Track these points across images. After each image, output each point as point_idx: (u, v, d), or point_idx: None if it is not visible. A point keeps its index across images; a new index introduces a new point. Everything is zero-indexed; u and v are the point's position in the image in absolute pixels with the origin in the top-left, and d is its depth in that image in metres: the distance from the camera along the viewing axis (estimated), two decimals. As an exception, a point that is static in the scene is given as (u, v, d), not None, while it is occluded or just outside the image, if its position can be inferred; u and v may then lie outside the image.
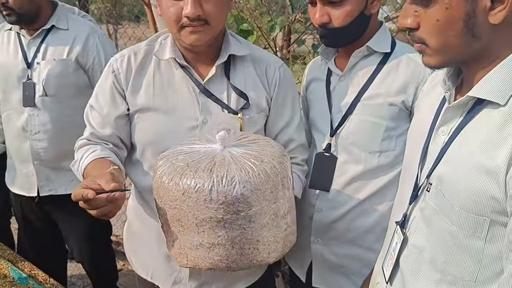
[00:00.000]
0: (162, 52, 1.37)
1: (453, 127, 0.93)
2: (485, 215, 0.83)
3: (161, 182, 1.12)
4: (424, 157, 1.00)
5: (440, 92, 1.03)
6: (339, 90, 1.48)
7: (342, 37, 1.41)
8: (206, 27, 1.27)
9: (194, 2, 1.22)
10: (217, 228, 1.09)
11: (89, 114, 1.45)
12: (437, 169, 0.94)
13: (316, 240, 1.54)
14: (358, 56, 1.44)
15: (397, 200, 1.16)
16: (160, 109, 1.37)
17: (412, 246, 1.00)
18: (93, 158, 1.32)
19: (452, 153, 0.91)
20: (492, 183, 0.81)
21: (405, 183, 1.10)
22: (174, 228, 1.14)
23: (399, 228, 1.04)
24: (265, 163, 1.11)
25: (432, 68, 0.93)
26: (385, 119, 1.40)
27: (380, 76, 1.42)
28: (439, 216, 0.92)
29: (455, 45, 0.85)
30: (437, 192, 0.92)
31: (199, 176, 1.06)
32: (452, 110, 0.93)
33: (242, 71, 1.40)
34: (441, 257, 0.92)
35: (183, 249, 1.15)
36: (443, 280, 0.92)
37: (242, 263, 1.14)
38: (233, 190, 1.05)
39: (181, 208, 1.09)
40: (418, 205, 1.00)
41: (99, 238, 2.31)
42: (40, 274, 1.61)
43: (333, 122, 1.47)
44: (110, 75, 1.39)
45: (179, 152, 1.17)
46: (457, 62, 0.91)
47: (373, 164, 1.43)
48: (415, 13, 0.88)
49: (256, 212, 1.09)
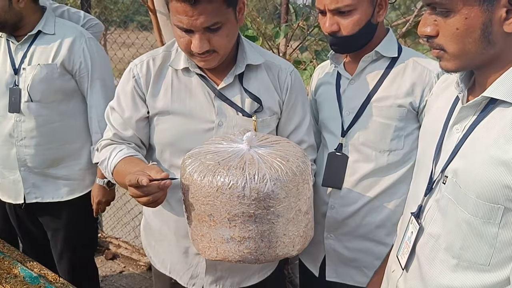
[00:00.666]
0: (177, 62, 1.44)
1: (467, 125, 1.01)
2: (499, 203, 0.91)
3: (192, 179, 1.17)
4: (438, 153, 1.08)
5: (452, 94, 1.12)
6: (349, 92, 1.56)
7: (351, 44, 1.49)
8: (214, 55, 1.33)
9: (201, 39, 1.27)
10: (248, 222, 1.15)
11: (110, 115, 1.51)
12: (453, 163, 1.01)
13: (329, 235, 1.62)
14: (367, 60, 1.53)
15: (411, 193, 1.23)
16: (178, 112, 1.43)
17: (428, 234, 1.08)
18: (123, 157, 1.39)
19: (467, 148, 0.99)
20: (506, 174, 0.89)
21: (419, 177, 1.18)
22: (205, 223, 1.20)
23: (414, 218, 1.12)
24: (291, 162, 1.18)
25: (449, 72, 1.01)
26: (394, 120, 1.48)
27: (388, 79, 1.50)
28: (455, 206, 0.99)
29: (472, 51, 0.94)
30: (453, 184, 1.00)
31: (232, 174, 1.12)
32: (466, 109, 1.01)
33: (255, 77, 1.46)
34: (458, 243, 0.99)
35: (213, 242, 1.21)
36: (459, 265, 1.00)
37: (269, 256, 1.21)
38: (264, 187, 1.12)
39: (214, 204, 1.15)
40: (433, 197, 1.08)
41: (81, 251, 2.28)
42: (50, 274, 1.64)
43: (344, 123, 1.55)
44: (131, 79, 1.46)
45: (206, 151, 1.23)
46: (472, 66, 0.99)
47: (382, 162, 1.51)
48: (434, 22, 0.96)
49: (284, 207, 1.16)
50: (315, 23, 2.34)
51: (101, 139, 1.53)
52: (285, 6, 2.58)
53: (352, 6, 1.41)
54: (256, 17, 2.47)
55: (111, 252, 3.51)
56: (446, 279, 1.02)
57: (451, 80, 1.16)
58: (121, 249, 3.53)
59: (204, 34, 1.27)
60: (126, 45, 4.12)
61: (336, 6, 1.41)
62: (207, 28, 1.26)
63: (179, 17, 1.25)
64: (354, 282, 1.62)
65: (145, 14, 7.87)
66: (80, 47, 2.01)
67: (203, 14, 1.22)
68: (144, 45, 3.82)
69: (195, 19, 1.23)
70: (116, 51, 4.05)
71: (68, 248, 2.22)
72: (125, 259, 3.46)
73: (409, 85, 1.48)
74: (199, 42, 1.27)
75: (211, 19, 1.24)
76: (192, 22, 1.23)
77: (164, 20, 2.45)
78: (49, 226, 2.21)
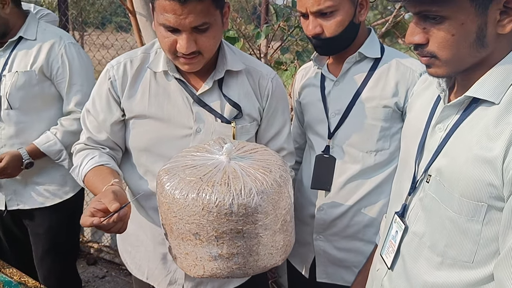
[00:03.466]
0: (156, 64, 1.39)
1: (449, 124, 1.01)
2: (483, 200, 0.92)
3: (173, 197, 1.11)
4: (421, 152, 1.09)
5: (433, 93, 1.12)
6: (334, 94, 1.56)
7: (335, 45, 1.49)
8: (199, 58, 1.30)
9: (188, 39, 1.23)
10: (236, 238, 1.12)
11: (85, 118, 1.48)
12: (436, 162, 1.02)
13: (318, 237, 1.62)
14: (351, 61, 1.53)
15: (395, 192, 1.24)
16: (155, 117, 1.40)
17: (413, 233, 1.08)
18: (93, 166, 1.37)
19: (450, 147, 1.00)
20: (489, 172, 0.90)
21: (402, 176, 1.18)
22: (189, 242, 1.15)
23: (398, 217, 1.13)
24: (274, 173, 1.15)
25: (439, 77, 1.01)
26: (379, 120, 1.49)
27: (372, 80, 1.51)
28: (439, 204, 1.00)
29: (465, 55, 0.93)
30: (437, 182, 1.01)
31: (218, 191, 1.08)
32: (449, 108, 1.02)
33: (235, 82, 1.43)
34: (442, 241, 1.00)
35: (199, 261, 1.16)
36: (443, 263, 1.00)
37: (258, 268, 1.19)
38: (252, 201, 1.08)
39: (200, 223, 1.10)
40: (417, 196, 1.09)
41: (62, 257, 2.25)
42: (30, 281, 1.61)
43: (331, 125, 1.56)
44: (106, 81, 1.42)
45: (183, 165, 1.18)
46: (461, 70, 0.98)
47: (370, 162, 1.52)
48: (423, 29, 0.95)
49: (271, 220, 1.14)
50: (296, 24, 2.35)
51: (76, 143, 1.50)
52: (265, 6, 2.59)
53: (334, 7, 1.41)
54: (237, 17, 2.46)
55: (93, 256, 3.46)
56: (431, 277, 1.02)
57: (432, 80, 1.17)
58: (103, 254, 3.48)
59: (192, 34, 1.23)
60: (105, 47, 4.06)
61: (318, 8, 1.41)
62: (195, 28, 1.23)
63: (166, 15, 1.20)
64: (344, 282, 1.62)
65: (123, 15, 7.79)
66: (59, 52, 1.97)
67: (192, 13, 1.19)
68: (123, 46, 3.77)
69: (183, 18, 1.19)
70: (95, 53, 3.99)
71: (49, 254, 2.18)
72: (107, 263, 3.42)
73: (394, 85, 1.49)
74: (186, 43, 1.23)
75: (200, 19, 1.21)
76: (180, 21, 1.20)
77: (143, 22, 2.43)
78: (32, 230, 2.18)
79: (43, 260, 2.20)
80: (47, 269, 2.21)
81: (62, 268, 2.26)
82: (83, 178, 1.39)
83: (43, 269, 2.21)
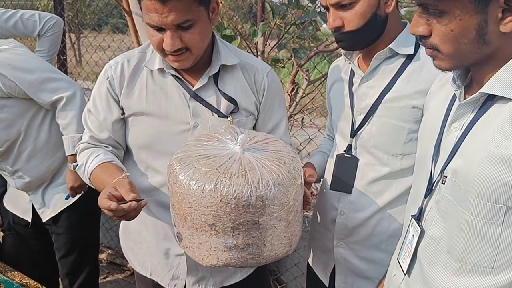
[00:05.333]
0: (152, 63, 1.41)
1: (465, 123, 0.96)
2: (501, 202, 0.86)
3: (189, 188, 1.10)
4: (437, 152, 1.03)
5: (449, 92, 1.07)
6: (361, 92, 1.45)
7: (358, 39, 1.37)
8: (188, 54, 1.30)
9: (172, 36, 1.24)
10: (252, 229, 1.11)
11: (87, 118, 1.48)
12: (452, 163, 0.97)
13: (339, 243, 1.52)
14: (380, 58, 1.41)
15: (412, 195, 1.18)
16: (153, 114, 1.40)
17: (429, 237, 1.03)
18: (98, 163, 1.37)
19: (466, 146, 0.94)
20: (507, 172, 0.85)
21: (418, 178, 1.13)
22: (204, 232, 1.13)
23: (415, 221, 1.07)
24: (288, 165, 1.15)
25: (443, 70, 0.97)
26: (408, 122, 1.37)
27: (402, 78, 1.38)
28: (456, 207, 0.94)
29: (467, 51, 0.90)
30: (453, 184, 0.95)
31: (236, 183, 1.06)
32: (464, 106, 0.97)
33: (231, 77, 1.43)
34: (460, 246, 0.95)
35: (213, 251, 1.15)
36: (462, 268, 0.95)
37: (270, 258, 1.19)
38: (269, 193, 1.08)
39: (217, 214, 1.08)
40: (433, 198, 1.03)
41: (85, 252, 2.25)
42: (32, 283, 1.61)
43: (355, 123, 1.45)
44: (105, 81, 1.43)
45: (196, 154, 1.16)
46: (466, 64, 0.96)
47: (395, 167, 1.41)
48: (427, 21, 0.92)
49: (286, 211, 1.14)
50: (292, 21, 2.34)
51: (79, 142, 1.50)
52: (261, 4, 2.58)
53: None
54: (233, 16, 2.45)
55: (94, 257, 3.44)
56: (449, 283, 0.97)
57: (447, 78, 1.12)
58: (104, 255, 3.46)
59: (176, 32, 1.25)
60: (102, 48, 4.06)
61: (337, 0, 1.32)
62: (178, 26, 1.24)
63: (150, 15, 1.23)
64: None
65: (119, 16, 7.78)
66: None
67: (173, 11, 1.20)
68: (120, 47, 3.76)
69: (165, 17, 1.21)
70: (91, 54, 3.98)
71: (73, 251, 2.18)
72: (109, 264, 3.39)
73: (425, 85, 1.32)
74: (170, 40, 1.25)
75: (181, 17, 1.22)
76: (162, 19, 1.22)
77: (140, 22, 2.41)
78: (53, 231, 2.17)
79: (68, 257, 2.19)
80: (71, 266, 2.21)
81: (86, 263, 2.26)
82: (89, 175, 1.39)
83: (67, 266, 2.21)
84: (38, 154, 2.00)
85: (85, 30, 8.26)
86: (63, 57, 3.55)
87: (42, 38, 2.37)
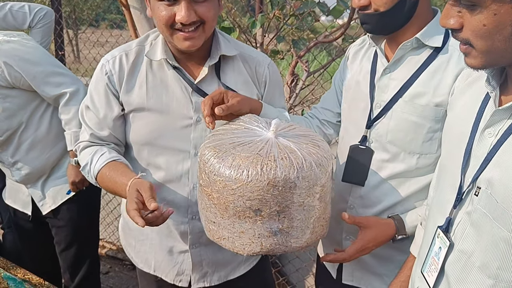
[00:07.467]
0: (153, 53, 1.34)
1: (501, 129, 0.86)
2: None
3: (230, 175, 1.06)
4: (468, 159, 0.93)
5: (479, 91, 0.96)
6: (383, 83, 1.33)
7: (384, 23, 1.24)
8: (200, 32, 1.24)
9: (188, 7, 1.19)
10: (297, 211, 1.09)
11: (84, 114, 1.41)
12: (486, 172, 0.87)
13: (348, 237, 1.45)
14: (406, 48, 1.28)
15: (436, 203, 1.07)
16: (154, 109, 1.34)
17: (459, 251, 0.93)
18: (106, 161, 1.32)
19: (503, 156, 0.84)
20: None
21: (444, 185, 1.02)
22: (248, 219, 1.09)
23: (442, 232, 0.97)
24: (322, 146, 1.14)
25: (475, 69, 0.87)
26: (428, 120, 1.26)
27: (427, 72, 1.26)
28: (491, 222, 0.84)
29: (502, 48, 0.80)
30: (488, 196, 0.85)
31: (281, 165, 1.04)
32: (501, 112, 0.87)
33: (232, 69, 1.39)
34: (495, 263, 0.85)
35: (257, 238, 1.11)
36: (496, 286, 0.86)
37: (311, 241, 1.17)
38: (313, 174, 1.07)
39: (264, 198, 1.05)
40: (464, 209, 0.93)
41: (86, 245, 2.24)
42: (34, 278, 1.60)
43: (372, 113, 1.35)
44: (103, 76, 1.36)
45: (230, 142, 1.12)
46: (501, 64, 0.86)
47: (411, 165, 1.31)
48: (458, 13, 0.82)
49: (325, 191, 1.14)
50: (291, 12, 2.31)
51: (79, 141, 1.44)
52: (259, -4, 2.55)
53: None
54: (231, 8, 2.43)
55: (96, 252, 3.43)
56: None
57: (476, 75, 1.01)
58: (106, 250, 3.42)
59: (190, 3, 1.20)
60: (100, 44, 4.03)
61: None
62: None
63: None
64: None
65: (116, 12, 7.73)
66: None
67: None
68: (118, 41, 3.73)
69: None
70: (90, 50, 3.95)
71: (72, 245, 2.16)
72: (110, 259, 3.33)
73: (451, 82, 1.21)
74: (186, 11, 1.18)
75: None
76: None
77: (138, 15, 2.36)
78: (53, 224, 2.15)
79: (68, 251, 2.16)
80: (72, 259, 2.18)
81: (87, 256, 2.24)
82: (96, 175, 1.34)
83: (68, 260, 2.19)
84: (38, 145, 1.96)
85: (82, 26, 8.23)
86: (61, 53, 3.51)
87: (34, 29, 2.32)
